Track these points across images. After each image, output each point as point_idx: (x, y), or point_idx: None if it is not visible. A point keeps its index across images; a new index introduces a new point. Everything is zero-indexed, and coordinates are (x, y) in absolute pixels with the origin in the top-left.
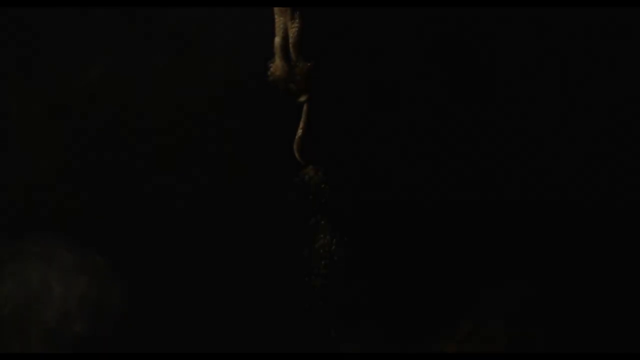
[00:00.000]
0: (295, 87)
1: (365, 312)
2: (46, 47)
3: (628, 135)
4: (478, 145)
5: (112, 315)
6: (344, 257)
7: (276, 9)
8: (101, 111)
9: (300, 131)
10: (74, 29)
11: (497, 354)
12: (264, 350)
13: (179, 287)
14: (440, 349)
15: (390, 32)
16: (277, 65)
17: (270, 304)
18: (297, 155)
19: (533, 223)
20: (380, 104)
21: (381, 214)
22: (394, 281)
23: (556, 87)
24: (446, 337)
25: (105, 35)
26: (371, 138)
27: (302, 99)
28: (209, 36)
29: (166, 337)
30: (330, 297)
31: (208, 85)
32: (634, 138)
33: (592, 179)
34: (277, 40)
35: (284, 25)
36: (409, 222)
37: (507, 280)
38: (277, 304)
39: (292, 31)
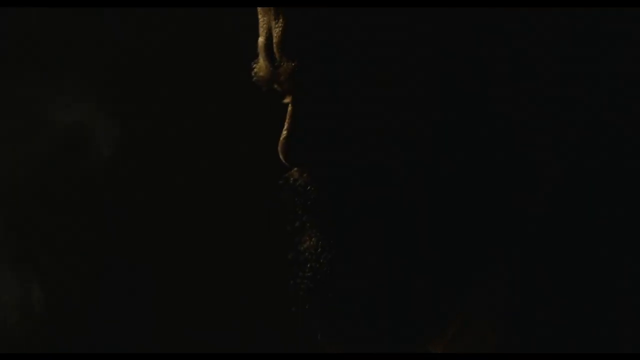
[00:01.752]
0: (280, 87)
1: (352, 314)
2: None
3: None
4: (467, 146)
5: None
6: (330, 260)
7: (260, 9)
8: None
9: (285, 132)
10: None
11: (487, 354)
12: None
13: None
14: (429, 348)
15: (377, 31)
16: (260, 66)
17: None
18: (282, 157)
19: (523, 220)
20: (366, 105)
21: (368, 215)
22: (380, 282)
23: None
24: (434, 336)
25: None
26: (358, 139)
27: (287, 100)
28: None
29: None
30: (316, 300)
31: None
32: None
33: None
34: (261, 40)
35: (268, 24)
36: (397, 223)
37: (495, 277)
38: (262, 307)
39: (276, 31)
